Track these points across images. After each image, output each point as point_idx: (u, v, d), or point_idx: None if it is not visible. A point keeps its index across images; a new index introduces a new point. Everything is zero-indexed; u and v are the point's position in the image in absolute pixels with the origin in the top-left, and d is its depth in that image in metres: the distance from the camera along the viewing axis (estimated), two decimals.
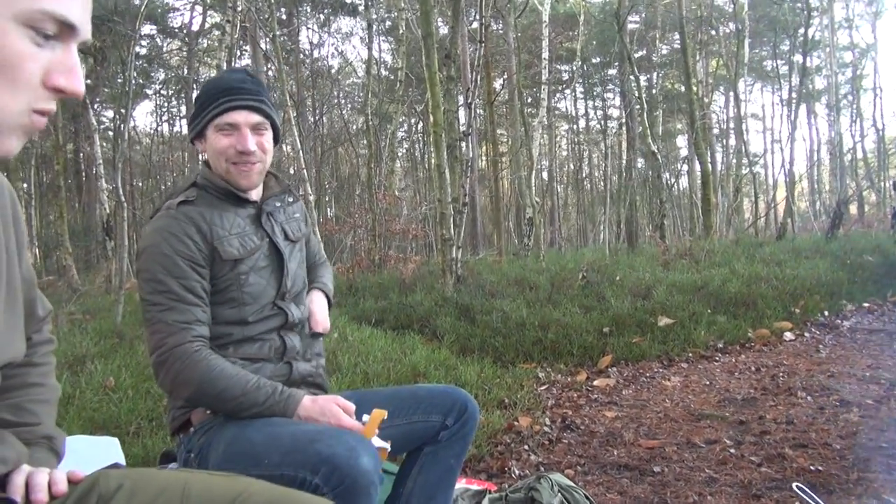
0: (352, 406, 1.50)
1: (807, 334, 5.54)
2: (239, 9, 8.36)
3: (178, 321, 1.44)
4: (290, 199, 1.76)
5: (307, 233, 1.82)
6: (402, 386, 2.16)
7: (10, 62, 0.66)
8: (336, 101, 20.22)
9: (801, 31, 16.16)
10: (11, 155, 0.71)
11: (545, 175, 23.93)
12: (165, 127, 23.61)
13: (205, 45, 20.16)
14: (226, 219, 1.58)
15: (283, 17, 18.26)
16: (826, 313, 6.13)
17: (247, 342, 1.56)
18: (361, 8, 19.00)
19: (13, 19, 0.66)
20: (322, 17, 20.44)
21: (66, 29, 0.69)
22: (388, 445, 1.51)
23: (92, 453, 1.78)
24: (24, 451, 0.92)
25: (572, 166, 29.42)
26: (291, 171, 15.34)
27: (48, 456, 1.00)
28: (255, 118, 1.58)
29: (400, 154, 22.25)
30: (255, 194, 1.66)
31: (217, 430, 1.47)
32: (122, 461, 1.77)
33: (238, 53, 16.36)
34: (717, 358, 4.87)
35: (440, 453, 1.66)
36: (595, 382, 4.34)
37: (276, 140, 1.66)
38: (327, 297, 1.83)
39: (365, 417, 1.49)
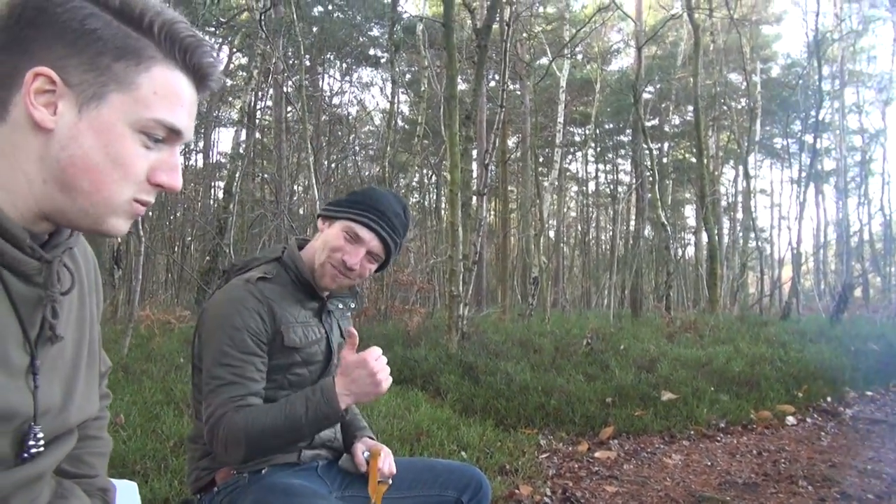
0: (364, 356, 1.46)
1: (809, 420, 5.53)
2: (271, 55, 8.64)
3: (235, 396, 1.46)
4: (353, 305, 1.81)
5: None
6: (419, 457, 2.20)
7: (125, 161, 0.77)
8: (352, 147, 20.61)
9: (812, 113, 16.54)
10: (121, 233, 0.82)
11: (552, 234, 24.16)
12: (181, 160, 24.00)
13: (228, 84, 20.66)
14: (294, 307, 1.61)
15: (307, 63, 18.80)
16: (829, 399, 6.13)
17: None
18: (383, 61, 19.56)
19: (130, 126, 0.77)
20: (344, 66, 21.01)
21: (173, 134, 0.81)
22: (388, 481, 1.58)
23: None
24: None
25: (580, 227, 29.67)
26: (301, 212, 15.54)
27: None
28: (377, 247, 1.63)
29: (411, 202, 22.54)
30: (325, 291, 1.71)
31: (241, 492, 1.51)
32: None
33: (260, 95, 16.83)
34: (719, 438, 4.87)
35: None
36: (596, 454, 4.34)
37: (379, 270, 1.73)
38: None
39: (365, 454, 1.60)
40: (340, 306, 1.77)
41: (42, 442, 0.80)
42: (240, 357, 1.49)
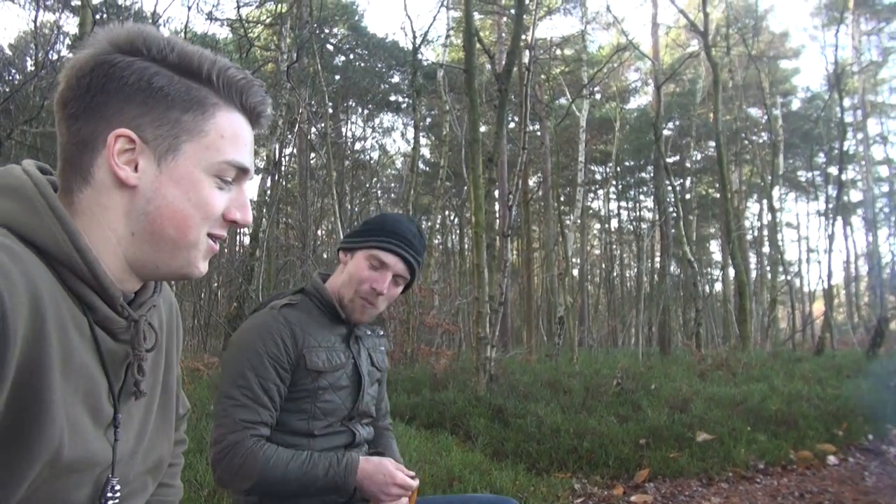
0: (401, 474, 1.54)
1: (851, 459, 5.36)
2: (297, 105, 8.85)
3: (245, 420, 1.50)
4: (381, 333, 1.85)
5: (388, 369, 1.89)
6: (454, 495, 2.19)
7: (206, 204, 0.83)
8: (375, 191, 20.85)
9: (836, 144, 16.43)
10: (202, 274, 0.87)
11: (576, 273, 24.03)
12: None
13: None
14: (319, 331, 1.65)
15: (330, 110, 19.21)
16: (870, 437, 5.94)
17: None
18: (404, 106, 19.91)
19: (205, 171, 0.82)
20: (366, 112, 21.42)
21: (241, 173, 0.87)
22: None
23: None
24: None
25: (604, 265, 29.49)
26: (325, 256, 15.69)
27: None
28: (402, 269, 1.67)
29: (434, 244, 22.65)
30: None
31: None
32: None
33: (285, 143, 17.18)
34: (759, 480, 4.73)
35: None
36: (632, 498, 4.24)
37: (403, 291, 1.77)
38: None
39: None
40: (369, 332, 1.79)
41: (119, 494, 0.82)
42: (257, 381, 1.52)
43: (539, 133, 20.36)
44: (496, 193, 15.22)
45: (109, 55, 0.79)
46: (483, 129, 17.27)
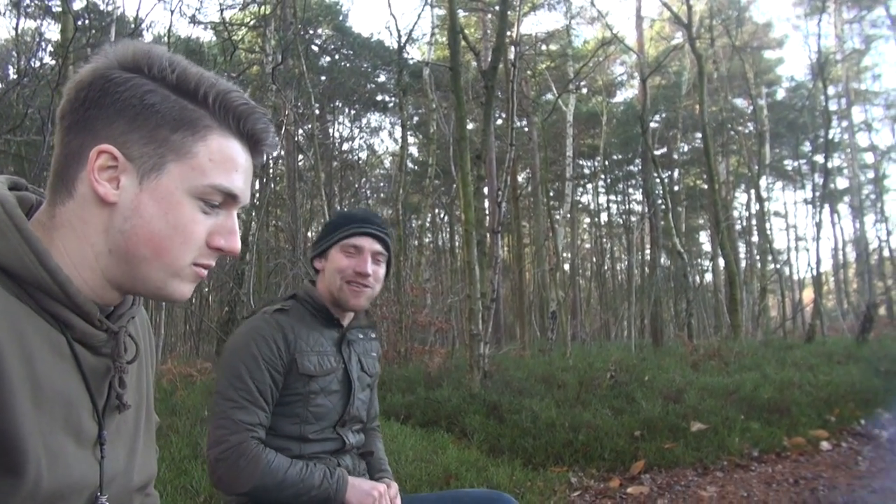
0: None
1: (844, 444, 5.40)
2: (283, 107, 8.82)
3: (245, 421, 1.53)
4: (373, 335, 1.87)
5: (379, 374, 1.92)
6: (446, 491, 2.20)
7: (184, 227, 0.80)
8: (364, 191, 20.82)
9: (821, 133, 16.54)
10: (185, 298, 0.85)
11: (567, 267, 24.05)
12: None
13: None
14: (311, 336, 1.68)
15: (317, 111, 19.16)
16: (862, 422, 5.99)
17: (304, 460, 1.62)
18: (391, 105, 19.89)
19: (188, 193, 0.80)
20: (353, 112, 21.38)
21: (229, 198, 0.83)
22: None
23: None
24: None
25: (595, 259, 29.56)
26: None
27: None
28: (378, 247, 1.73)
29: (425, 243, 22.63)
30: (345, 320, 1.77)
31: None
32: None
33: None
34: (753, 467, 4.76)
35: None
36: (629, 490, 4.26)
37: (387, 272, 1.80)
38: None
39: None
40: (361, 336, 1.82)
41: None
42: (253, 383, 1.56)
43: (526, 129, 20.38)
44: (485, 190, 15.23)
45: (109, 70, 0.78)
46: (470, 126, 17.26)
